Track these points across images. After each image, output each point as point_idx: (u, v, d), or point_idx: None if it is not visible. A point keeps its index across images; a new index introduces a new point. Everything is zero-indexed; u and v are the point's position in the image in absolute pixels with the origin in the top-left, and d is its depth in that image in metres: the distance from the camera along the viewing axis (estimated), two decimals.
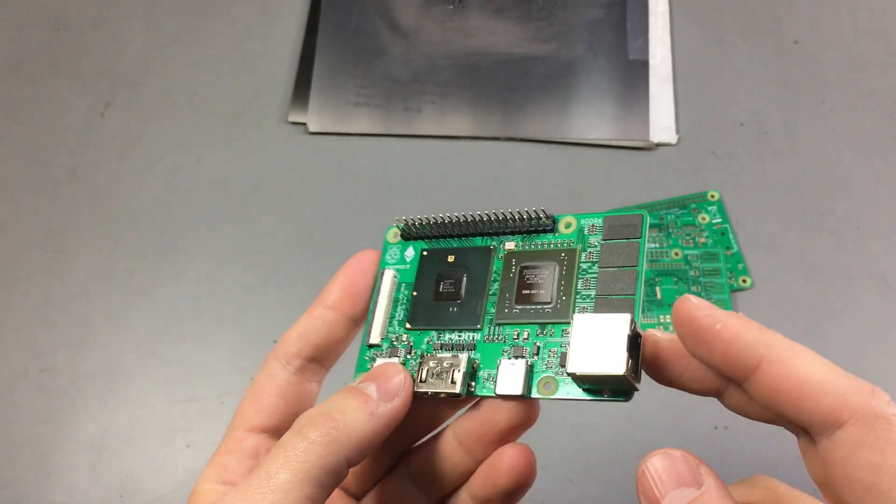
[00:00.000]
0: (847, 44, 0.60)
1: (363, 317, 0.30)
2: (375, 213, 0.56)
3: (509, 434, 0.27)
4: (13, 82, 0.62)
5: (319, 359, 0.30)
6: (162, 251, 0.55)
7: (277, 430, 0.29)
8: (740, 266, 0.52)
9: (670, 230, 0.54)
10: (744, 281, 0.52)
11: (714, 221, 0.54)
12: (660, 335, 0.25)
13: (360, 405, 0.25)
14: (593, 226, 0.28)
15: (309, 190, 0.57)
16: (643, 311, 0.51)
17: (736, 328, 0.22)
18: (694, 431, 0.48)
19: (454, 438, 0.29)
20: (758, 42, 0.60)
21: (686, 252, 0.53)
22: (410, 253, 0.31)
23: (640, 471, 0.22)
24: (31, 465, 0.49)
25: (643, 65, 0.59)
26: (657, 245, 0.53)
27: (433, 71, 0.60)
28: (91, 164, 0.59)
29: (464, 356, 0.27)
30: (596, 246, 0.28)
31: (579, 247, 0.28)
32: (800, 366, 0.21)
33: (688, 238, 0.53)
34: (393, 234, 0.32)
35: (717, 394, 0.25)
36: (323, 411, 0.25)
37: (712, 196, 0.55)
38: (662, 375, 0.25)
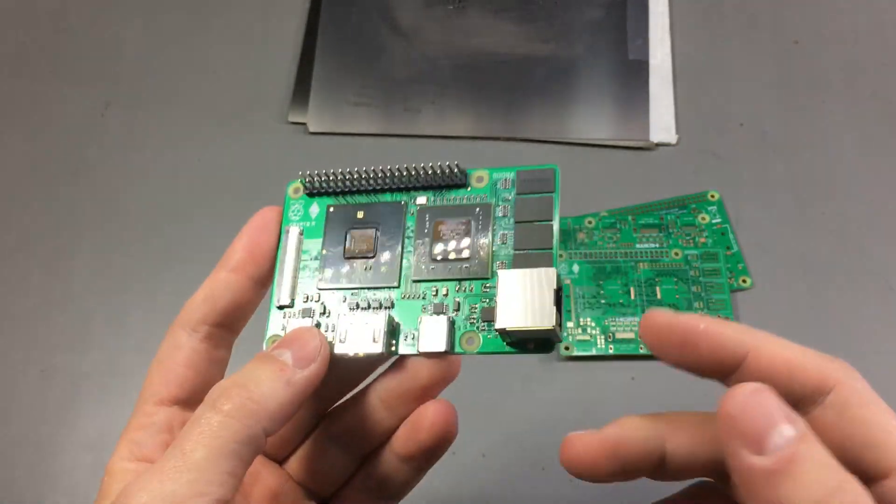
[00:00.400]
0: (847, 44, 0.60)
1: (269, 278, 0.29)
2: None
3: (431, 390, 0.28)
4: (13, 82, 0.62)
5: (227, 324, 0.28)
6: (162, 251, 0.55)
7: (189, 402, 0.27)
8: (740, 266, 0.52)
9: (670, 230, 0.54)
10: (744, 281, 0.52)
11: (714, 221, 0.54)
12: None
13: (276, 373, 0.24)
14: (506, 180, 0.28)
15: None
16: (644, 312, 0.50)
17: (718, 325, 0.23)
18: None
19: (376, 397, 0.28)
20: (758, 42, 0.60)
21: (686, 252, 0.53)
22: (315, 209, 0.30)
23: (729, 405, 0.20)
24: (31, 465, 0.49)
25: (643, 65, 0.59)
26: (657, 245, 0.53)
27: (433, 71, 0.60)
28: (91, 163, 0.59)
29: (383, 314, 0.27)
30: (510, 200, 0.28)
31: (493, 202, 0.28)
32: (782, 348, 0.23)
33: (688, 238, 0.53)
34: (294, 189, 0.31)
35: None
36: (236, 382, 0.24)
37: (712, 196, 0.55)
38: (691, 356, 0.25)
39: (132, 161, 0.59)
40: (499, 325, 0.25)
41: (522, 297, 0.25)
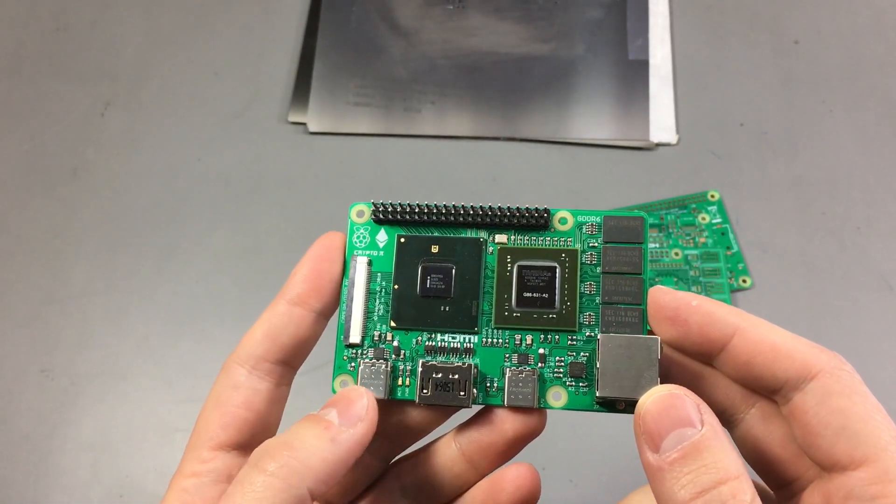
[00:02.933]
0: (847, 44, 0.60)
1: (332, 310, 0.27)
2: None
3: (518, 444, 0.27)
4: (13, 82, 0.62)
5: (288, 360, 0.27)
6: (162, 251, 0.55)
7: (248, 446, 0.26)
8: (740, 266, 0.52)
9: (670, 230, 0.54)
10: (744, 281, 0.52)
11: (714, 221, 0.54)
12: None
13: (320, 431, 0.24)
14: (592, 225, 0.27)
15: (309, 190, 0.57)
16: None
17: (710, 304, 0.24)
18: None
19: (456, 449, 0.27)
20: (758, 42, 0.60)
21: (686, 252, 0.53)
22: (383, 237, 0.28)
23: (638, 408, 0.23)
24: (31, 465, 0.49)
25: (643, 65, 0.59)
26: (657, 245, 0.53)
27: (433, 71, 0.60)
28: (91, 164, 0.59)
29: (468, 363, 0.26)
30: (596, 247, 0.27)
31: (579, 247, 0.27)
32: (770, 332, 0.24)
33: (688, 238, 0.53)
34: (357, 213, 0.28)
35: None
36: (281, 441, 0.23)
37: (712, 196, 0.55)
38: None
39: (132, 161, 0.59)
40: (601, 393, 0.25)
41: (625, 365, 0.24)
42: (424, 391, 0.26)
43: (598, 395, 0.25)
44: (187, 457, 0.26)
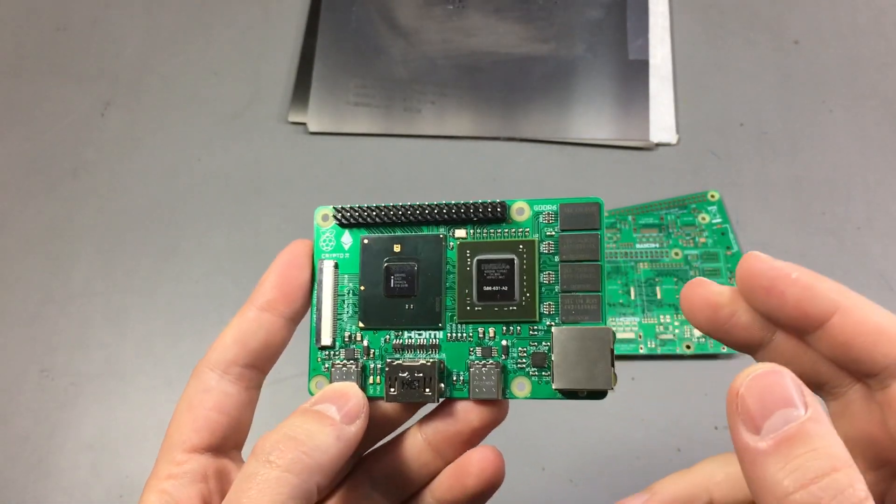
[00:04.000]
0: (847, 44, 0.60)
1: (301, 314, 0.28)
2: None
3: (482, 432, 0.27)
4: (13, 82, 0.62)
5: (258, 365, 0.27)
6: (162, 251, 0.55)
7: (220, 448, 0.27)
8: None
9: (670, 230, 0.54)
10: None
11: (714, 221, 0.54)
12: (715, 288, 0.25)
13: (327, 428, 0.24)
14: (548, 213, 0.27)
15: (309, 190, 0.57)
16: (644, 312, 0.51)
17: (811, 277, 0.22)
18: (694, 431, 0.48)
19: (422, 440, 0.28)
20: (758, 42, 0.60)
21: (686, 252, 0.53)
22: (348, 240, 0.29)
23: (736, 386, 0.21)
24: (31, 465, 0.49)
25: (643, 65, 0.59)
26: (657, 245, 0.53)
27: (433, 71, 0.60)
28: (91, 164, 0.59)
29: (433, 360, 0.27)
30: (553, 236, 0.27)
31: (537, 237, 0.27)
32: (875, 314, 0.22)
33: (688, 238, 0.53)
34: (322, 217, 0.29)
35: (759, 347, 0.25)
36: (288, 436, 0.24)
37: (712, 196, 0.55)
38: (710, 324, 0.25)
39: (132, 161, 0.59)
40: (556, 385, 0.25)
41: (578, 357, 0.25)
42: (391, 390, 0.27)
43: (553, 387, 0.25)
44: (162, 459, 0.26)
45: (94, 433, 0.50)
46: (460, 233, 0.28)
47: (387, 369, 0.27)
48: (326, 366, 0.28)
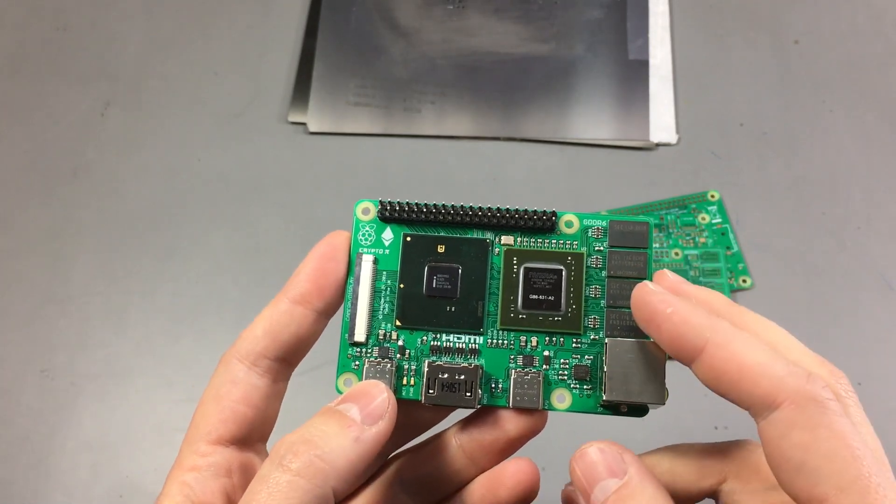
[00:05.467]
0: (847, 44, 0.60)
1: (335, 309, 0.27)
2: None
3: (519, 443, 0.27)
4: (13, 82, 0.62)
5: (288, 358, 0.27)
6: (162, 251, 0.55)
7: (246, 441, 0.26)
8: (740, 266, 0.52)
9: (670, 230, 0.54)
10: (744, 281, 0.52)
11: (714, 221, 0.54)
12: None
13: (344, 430, 0.23)
14: (598, 229, 0.27)
15: (309, 190, 0.57)
16: None
17: (685, 312, 0.23)
18: (694, 431, 0.48)
19: (456, 446, 0.27)
20: (758, 42, 0.60)
21: (686, 252, 0.53)
22: (389, 236, 0.28)
23: (570, 466, 0.24)
24: (31, 465, 0.49)
25: (643, 65, 0.59)
26: (657, 245, 0.53)
27: (433, 71, 0.60)
28: (91, 164, 0.59)
29: (474, 365, 0.26)
30: (602, 251, 0.27)
31: (585, 250, 0.27)
32: (741, 350, 0.22)
33: (688, 238, 0.53)
34: (363, 210, 0.28)
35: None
36: (303, 437, 0.23)
37: (712, 196, 0.55)
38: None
39: (132, 161, 0.59)
40: (608, 397, 0.25)
41: (632, 370, 0.25)
42: (430, 391, 0.26)
43: (604, 398, 0.25)
44: (186, 450, 0.26)
45: (94, 433, 0.50)
46: (507, 239, 0.27)
47: (426, 370, 0.26)
48: (357, 363, 0.27)
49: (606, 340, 0.25)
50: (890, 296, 0.51)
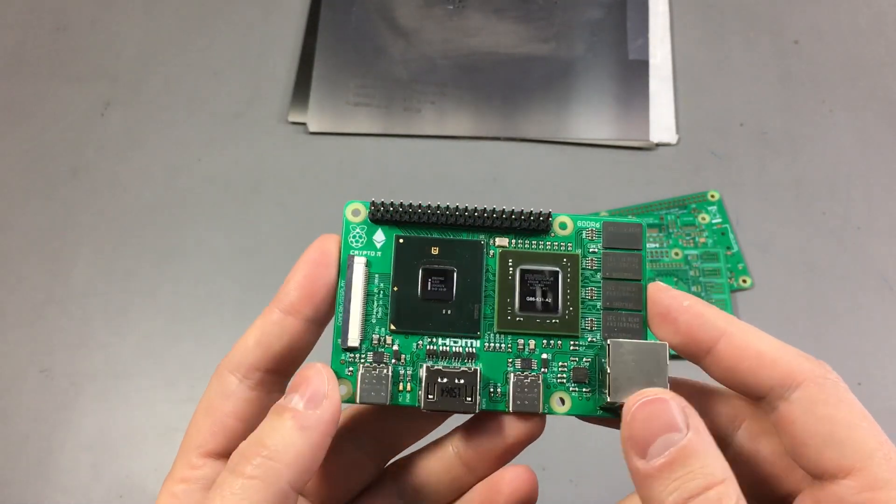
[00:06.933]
0: (847, 44, 0.60)
1: (328, 317, 0.27)
2: None
3: (517, 449, 0.27)
4: (13, 82, 0.62)
5: (280, 370, 0.26)
6: (162, 251, 0.55)
7: None
8: (740, 266, 0.52)
9: (670, 230, 0.54)
10: (744, 281, 0.52)
11: (714, 221, 0.54)
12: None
13: (287, 422, 0.23)
14: (591, 231, 0.27)
15: (309, 190, 0.57)
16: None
17: (700, 306, 0.24)
18: None
19: (453, 453, 0.27)
20: (758, 42, 0.60)
21: (686, 252, 0.53)
22: (380, 237, 0.27)
23: (625, 413, 0.23)
24: (31, 465, 0.49)
25: (643, 65, 0.59)
26: (657, 245, 0.53)
27: (433, 71, 0.60)
28: (91, 164, 0.59)
29: (477, 370, 0.26)
30: (596, 252, 0.27)
31: (580, 252, 0.27)
32: (756, 339, 0.24)
33: (688, 238, 0.53)
34: (352, 211, 0.27)
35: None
36: (254, 440, 0.23)
37: (712, 196, 0.55)
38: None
39: (132, 161, 0.59)
40: (612, 398, 0.24)
41: (635, 371, 0.24)
42: (430, 397, 0.25)
43: (608, 400, 0.25)
44: (178, 462, 0.26)
45: (94, 433, 0.50)
46: (501, 241, 0.27)
47: (425, 375, 0.25)
48: (351, 369, 0.26)
49: (609, 342, 0.25)
50: (890, 296, 0.51)
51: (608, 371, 0.25)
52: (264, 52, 0.62)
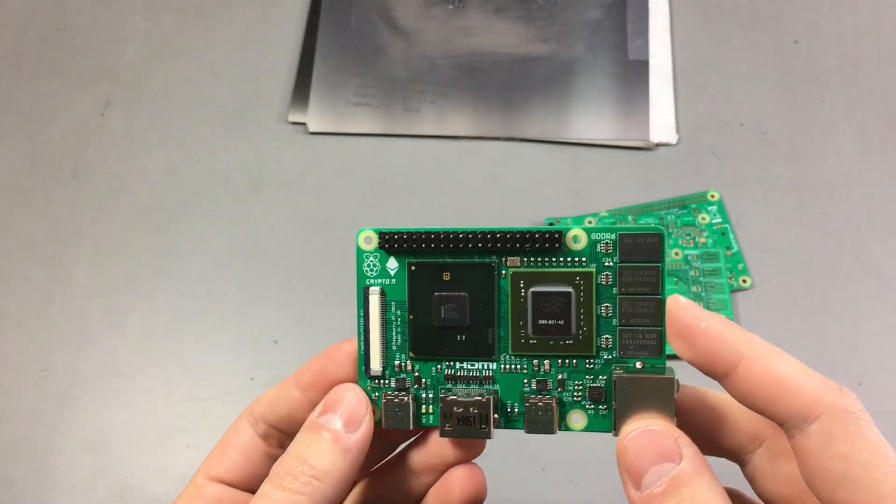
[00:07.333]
0: (847, 44, 0.60)
1: None
2: (375, 213, 0.56)
3: (458, 464, 0.29)
4: (13, 82, 0.62)
5: (283, 429, 0.29)
6: (162, 251, 0.55)
7: (236, 486, 0.29)
8: (740, 266, 0.52)
9: (670, 230, 0.54)
10: (744, 281, 0.52)
11: (714, 221, 0.54)
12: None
13: (332, 444, 0.25)
14: (607, 244, 0.26)
15: (309, 190, 0.57)
16: None
17: (719, 327, 0.23)
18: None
19: (408, 465, 0.29)
20: (758, 42, 0.60)
21: (686, 252, 0.53)
22: (393, 265, 0.28)
23: (620, 446, 0.23)
24: (31, 465, 0.49)
25: (643, 65, 0.59)
26: None
27: (433, 71, 0.60)
28: (91, 164, 0.59)
29: (489, 400, 0.26)
30: (612, 266, 0.26)
31: (594, 268, 0.26)
32: (778, 364, 0.23)
33: (688, 238, 0.53)
34: (365, 239, 0.28)
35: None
36: (297, 456, 0.25)
37: (712, 196, 0.55)
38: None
39: (132, 161, 0.59)
40: (620, 435, 0.24)
41: (641, 405, 0.24)
42: (447, 426, 0.26)
43: (613, 435, 0.25)
44: (190, 482, 0.29)
45: (94, 433, 0.50)
46: (513, 261, 0.27)
47: (441, 406, 0.26)
48: (377, 395, 0.28)
49: (615, 377, 0.25)
50: (890, 296, 0.51)
51: (613, 406, 0.25)
52: (264, 52, 0.62)
